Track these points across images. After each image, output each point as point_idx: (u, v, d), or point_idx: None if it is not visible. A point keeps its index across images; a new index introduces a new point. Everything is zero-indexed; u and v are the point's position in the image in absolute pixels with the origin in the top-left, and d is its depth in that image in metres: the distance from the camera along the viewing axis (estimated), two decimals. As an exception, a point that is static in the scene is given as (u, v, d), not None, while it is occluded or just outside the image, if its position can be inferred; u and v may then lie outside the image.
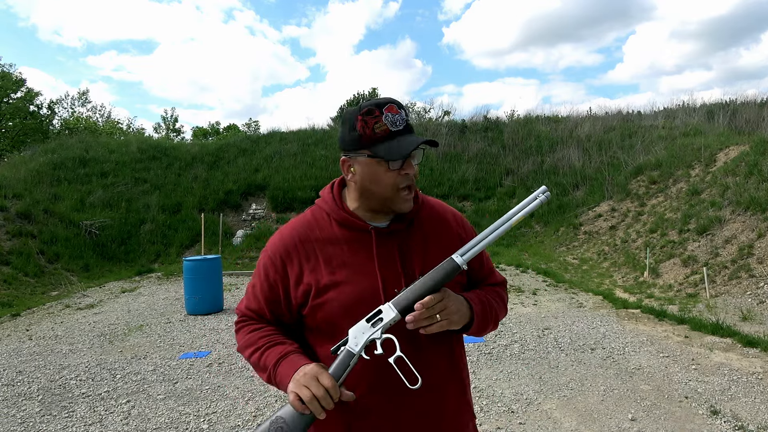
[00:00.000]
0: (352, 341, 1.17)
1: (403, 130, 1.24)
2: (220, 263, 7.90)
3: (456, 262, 1.21)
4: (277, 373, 1.22)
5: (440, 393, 1.29)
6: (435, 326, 1.18)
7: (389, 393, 1.23)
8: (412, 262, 1.29)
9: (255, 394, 4.36)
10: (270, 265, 1.32)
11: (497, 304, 1.40)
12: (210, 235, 13.02)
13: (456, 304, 1.22)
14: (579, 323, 6.32)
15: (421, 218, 1.36)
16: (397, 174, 1.24)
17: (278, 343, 1.27)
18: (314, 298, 1.26)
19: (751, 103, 18.08)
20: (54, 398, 4.38)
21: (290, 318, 1.33)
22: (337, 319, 1.24)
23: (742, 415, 3.73)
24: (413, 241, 1.32)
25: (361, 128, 1.24)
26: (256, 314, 1.35)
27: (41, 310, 7.99)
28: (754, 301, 6.78)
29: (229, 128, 41.87)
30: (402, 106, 1.27)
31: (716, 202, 9.49)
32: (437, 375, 1.27)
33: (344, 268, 1.26)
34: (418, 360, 1.21)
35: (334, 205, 1.32)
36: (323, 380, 1.12)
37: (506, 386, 4.40)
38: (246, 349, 1.31)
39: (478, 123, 19.91)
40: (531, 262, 10.90)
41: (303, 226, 1.33)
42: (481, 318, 1.30)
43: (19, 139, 27.78)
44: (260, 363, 1.27)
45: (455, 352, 1.35)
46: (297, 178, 15.69)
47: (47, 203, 12.88)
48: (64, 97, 39.04)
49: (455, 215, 1.44)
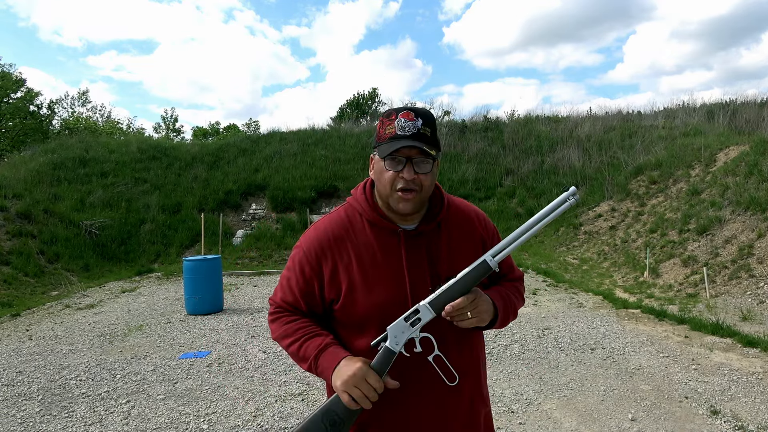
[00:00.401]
0: (392, 339, 1.25)
1: (410, 137, 1.28)
2: (220, 263, 7.90)
3: (489, 263, 1.27)
4: (319, 364, 1.31)
5: (458, 386, 1.35)
6: (466, 322, 1.27)
7: (412, 385, 1.32)
8: (439, 264, 1.36)
9: (255, 394, 4.36)
10: (305, 262, 1.38)
11: (516, 298, 1.49)
12: (210, 235, 13.02)
13: (485, 304, 1.30)
14: (579, 323, 6.32)
15: (448, 220, 1.42)
16: (394, 175, 1.29)
17: (316, 335, 1.35)
18: (346, 296, 1.33)
19: (751, 103, 18.08)
20: (54, 398, 4.38)
21: (323, 310, 1.41)
22: (368, 317, 1.32)
23: (742, 415, 3.73)
24: (440, 243, 1.39)
25: (379, 128, 1.34)
26: (291, 306, 1.42)
27: (41, 310, 7.99)
28: (754, 301, 6.78)
29: (228, 128, 41.87)
30: (423, 114, 1.31)
31: (716, 202, 9.49)
32: (459, 370, 1.35)
33: (376, 268, 1.34)
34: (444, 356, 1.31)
35: (366, 205, 1.39)
36: (371, 380, 1.22)
37: (506, 386, 4.40)
38: (284, 339, 1.39)
39: (478, 123, 19.91)
40: (531, 262, 10.90)
41: (337, 224, 1.40)
42: (504, 314, 1.39)
43: (19, 139, 27.78)
44: (299, 353, 1.35)
45: (475, 347, 1.44)
46: (297, 178, 15.68)
47: (47, 203, 12.88)
48: (64, 97, 39.11)
49: (478, 215, 1.50)
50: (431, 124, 1.32)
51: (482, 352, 1.51)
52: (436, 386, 1.33)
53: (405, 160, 1.29)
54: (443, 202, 1.43)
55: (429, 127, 1.31)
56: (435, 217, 1.40)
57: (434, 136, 1.33)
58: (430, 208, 1.42)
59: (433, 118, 1.34)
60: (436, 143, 1.33)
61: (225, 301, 8.00)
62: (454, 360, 1.34)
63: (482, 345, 1.52)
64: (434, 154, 1.31)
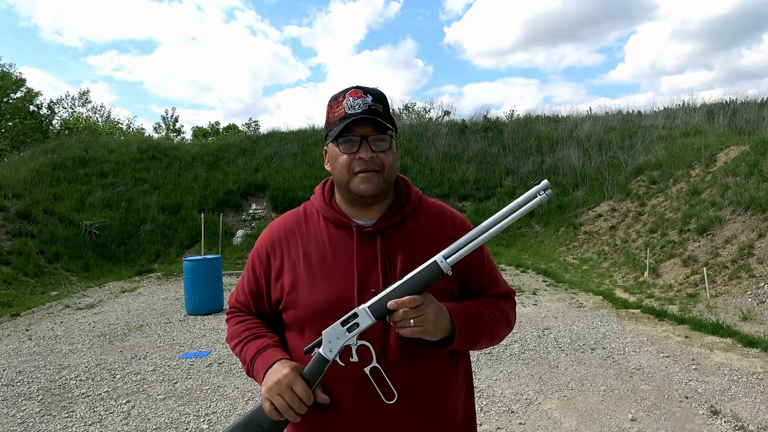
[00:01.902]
0: (326, 346, 1.12)
1: (361, 113, 1.17)
2: (220, 263, 7.90)
3: (438, 264, 1.11)
4: (254, 367, 1.21)
5: (409, 406, 1.18)
6: (407, 330, 1.11)
7: (361, 400, 1.17)
8: (394, 265, 1.21)
9: (255, 394, 4.35)
10: (256, 258, 1.32)
11: (493, 317, 1.26)
12: (210, 235, 13.01)
13: (435, 314, 1.12)
14: (579, 323, 6.31)
15: (414, 218, 1.28)
16: (350, 158, 1.18)
17: (258, 336, 1.26)
18: (288, 295, 1.23)
19: (751, 103, 18.07)
20: (54, 398, 4.38)
21: (271, 313, 1.32)
22: (308, 318, 1.20)
23: (742, 416, 3.72)
24: (399, 243, 1.23)
25: (328, 113, 1.23)
26: (243, 306, 1.36)
27: (41, 310, 7.98)
28: (755, 301, 6.78)
29: (228, 128, 41.85)
30: (372, 91, 1.20)
31: (716, 202, 9.49)
32: (406, 387, 1.17)
33: (323, 265, 1.22)
34: (385, 369, 1.15)
35: (322, 201, 1.30)
36: (298, 389, 1.10)
37: (506, 386, 4.40)
38: (231, 341, 1.32)
39: (478, 123, 19.91)
40: (531, 262, 10.90)
41: (292, 220, 1.32)
42: (465, 332, 1.18)
43: (19, 139, 27.76)
44: (241, 355, 1.26)
45: (436, 367, 1.22)
46: (297, 178, 15.68)
47: (47, 203, 12.88)
48: (64, 97, 39.10)
49: (455, 219, 1.33)
50: (382, 101, 1.21)
51: (455, 379, 1.26)
52: (380, 405, 1.15)
53: (359, 139, 1.17)
54: (410, 196, 1.30)
55: (380, 103, 1.20)
56: (398, 212, 1.26)
57: (387, 114, 1.22)
58: (393, 203, 1.28)
59: (384, 96, 1.22)
60: (390, 120, 1.22)
61: (225, 301, 8.00)
62: (401, 377, 1.16)
63: (455, 372, 1.27)
64: (390, 128, 1.20)
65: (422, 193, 1.36)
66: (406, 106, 24.17)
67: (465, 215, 1.63)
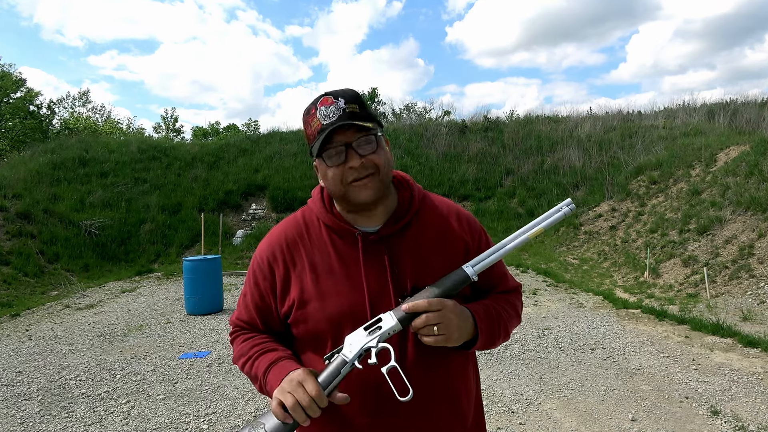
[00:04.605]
0: (347, 348, 1.09)
1: (337, 119, 1.10)
2: (220, 263, 7.89)
3: (466, 272, 1.12)
4: (267, 381, 1.14)
5: (428, 415, 1.17)
6: (431, 339, 1.08)
7: (378, 412, 1.15)
8: (403, 270, 1.17)
9: (255, 394, 4.35)
10: (258, 272, 1.25)
11: (507, 314, 1.27)
12: (210, 235, 13.01)
13: (459, 319, 1.11)
14: (579, 323, 6.31)
15: (420, 221, 1.23)
16: (340, 170, 1.12)
17: (270, 350, 1.20)
18: (298, 309, 1.18)
19: (751, 103, 18.08)
20: (54, 398, 4.38)
21: (280, 327, 1.26)
22: (321, 331, 1.17)
23: (742, 416, 3.72)
24: (406, 248, 1.19)
25: (306, 129, 1.17)
26: (248, 324, 1.29)
27: (41, 310, 7.98)
28: (755, 301, 6.77)
29: (228, 128, 41.87)
30: (343, 93, 1.13)
31: (717, 202, 9.49)
32: (426, 395, 1.15)
33: (330, 276, 1.17)
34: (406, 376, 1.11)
35: (322, 207, 1.23)
36: (309, 387, 1.04)
37: (506, 386, 4.40)
38: (239, 359, 1.25)
39: (479, 123, 19.93)
40: (531, 262, 10.90)
41: (292, 228, 1.25)
42: (488, 334, 1.18)
43: (19, 139, 27.77)
44: (252, 372, 1.20)
45: (454, 372, 1.21)
46: (297, 178, 15.68)
47: (47, 203, 12.88)
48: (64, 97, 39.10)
49: (460, 216, 1.29)
50: (356, 100, 1.13)
51: (469, 377, 1.26)
52: (396, 418, 1.14)
53: (344, 148, 1.11)
54: (413, 197, 1.24)
55: (354, 103, 1.13)
56: (403, 216, 1.21)
57: (366, 111, 1.14)
58: (398, 206, 1.23)
59: (356, 94, 1.15)
60: (370, 117, 1.14)
61: (225, 301, 8.00)
62: (419, 382, 1.13)
63: (468, 374, 1.26)
64: (372, 127, 1.12)
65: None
66: (406, 106, 24.19)
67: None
